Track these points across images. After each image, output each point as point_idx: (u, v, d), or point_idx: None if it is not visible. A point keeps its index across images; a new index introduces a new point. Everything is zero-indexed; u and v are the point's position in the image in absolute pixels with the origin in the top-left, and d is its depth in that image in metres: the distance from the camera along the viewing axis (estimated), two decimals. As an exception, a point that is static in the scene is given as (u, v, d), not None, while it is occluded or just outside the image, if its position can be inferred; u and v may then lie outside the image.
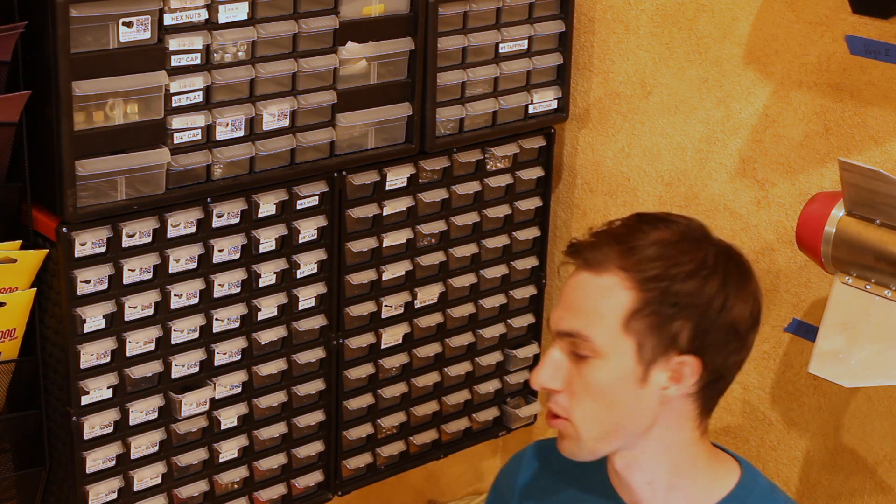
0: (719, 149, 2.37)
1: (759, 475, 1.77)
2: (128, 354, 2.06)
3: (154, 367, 2.09)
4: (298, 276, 2.22)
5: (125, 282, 2.02)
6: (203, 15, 1.98)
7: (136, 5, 1.91)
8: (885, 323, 1.99)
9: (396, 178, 2.30)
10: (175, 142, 2.00)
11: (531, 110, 2.47)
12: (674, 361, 1.66)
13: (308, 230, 2.21)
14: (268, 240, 2.16)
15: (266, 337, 2.21)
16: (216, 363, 2.17)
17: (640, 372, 1.66)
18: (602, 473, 1.80)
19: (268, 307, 2.20)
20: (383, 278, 2.34)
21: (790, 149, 2.26)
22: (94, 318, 2.00)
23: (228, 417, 2.20)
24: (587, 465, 1.79)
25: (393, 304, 2.38)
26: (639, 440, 1.71)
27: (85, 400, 2.03)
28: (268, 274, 2.18)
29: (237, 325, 2.18)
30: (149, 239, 2.03)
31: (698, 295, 1.65)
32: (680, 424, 1.71)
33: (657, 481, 1.74)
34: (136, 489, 2.13)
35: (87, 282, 1.98)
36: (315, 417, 2.33)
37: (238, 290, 2.16)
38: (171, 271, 2.07)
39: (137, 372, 2.07)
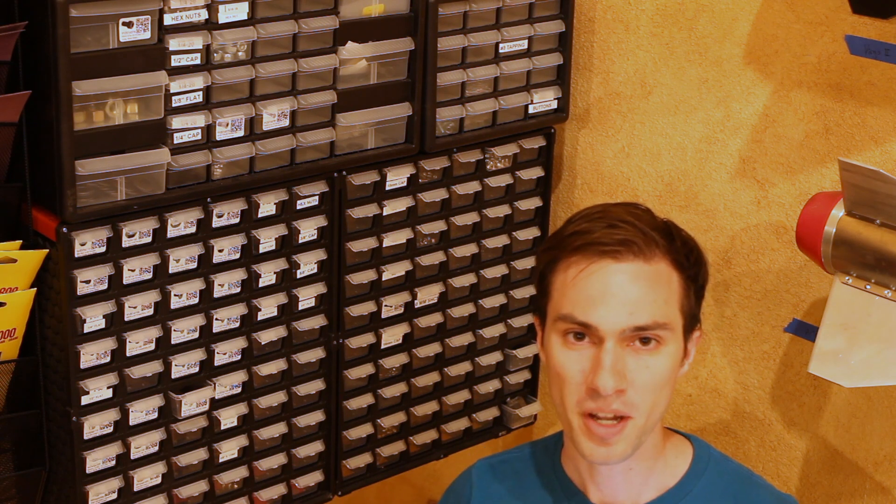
0: (719, 149, 2.37)
1: (709, 446, 1.82)
2: (128, 354, 2.06)
3: (154, 367, 2.09)
4: (298, 276, 2.22)
5: (125, 282, 2.02)
6: (203, 15, 1.98)
7: (136, 5, 1.91)
8: (885, 323, 1.99)
9: (396, 178, 2.30)
10: (175, 142, 2.00)
11: (531, 110, 2.46)
12: (693, 337, 1.75)
13: (308, 230, 2.21)
14: (268, 240, 2.16)
15: (266, 337, 2.21)
16: (216, 363, 2.17)
17: (682, 352, 1.73)
18: (558, 475, 1.81)
19: (268, 307, 2.20)
20: (383, 278, 2.34)
21: (790, 149, 2.26)
22: (94, 318, 2.00)
23: (228, 417, 2.20)
24: (542, 471, 1.82)
25: (393, 304, 2.38)
26: None
27: (85, 400, 2.03)
28: (268, 274, 2.18)
29: (237, 325, 2.18)
30: (149, 239, 2.03)
31: (706, 270, 1.76)
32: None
33: (636, 469, 1.75)
34: (136, 489, 2.13)
35: (87, 282, 1.98)
36: (315, 417, 2.33)
37: (238, 290, 2.16)
38: (171, 271, 2.07)
39: (137, 372, 2.07)
